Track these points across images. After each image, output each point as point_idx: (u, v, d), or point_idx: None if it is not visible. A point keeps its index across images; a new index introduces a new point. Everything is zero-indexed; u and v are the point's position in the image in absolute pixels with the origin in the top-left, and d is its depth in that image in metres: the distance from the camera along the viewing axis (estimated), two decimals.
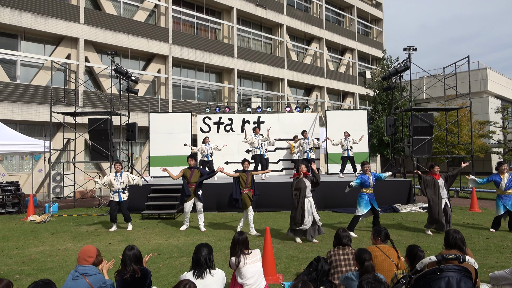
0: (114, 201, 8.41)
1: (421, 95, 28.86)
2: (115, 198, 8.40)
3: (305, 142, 12.40)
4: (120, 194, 8.40)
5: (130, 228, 8.50)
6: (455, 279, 2.62)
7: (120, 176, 8.41)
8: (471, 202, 11.03)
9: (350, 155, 12.65)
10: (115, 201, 8.40)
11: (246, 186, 7.76)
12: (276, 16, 25.76)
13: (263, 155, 12.19)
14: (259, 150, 12.06)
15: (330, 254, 4.24)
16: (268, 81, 26.11)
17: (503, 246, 6.58)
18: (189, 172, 8.28)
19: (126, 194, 8.56)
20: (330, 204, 11.03)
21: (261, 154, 12.08)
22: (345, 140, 12.74)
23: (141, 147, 19.41)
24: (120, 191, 8.40)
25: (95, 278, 3.24)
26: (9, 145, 10.78)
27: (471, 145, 13.67)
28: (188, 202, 8.27)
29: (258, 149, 12.05)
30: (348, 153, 12.66)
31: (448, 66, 14.82)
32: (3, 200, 11.48)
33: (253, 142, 12.07)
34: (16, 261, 5.99)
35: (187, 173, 8.28)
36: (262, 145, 12.19)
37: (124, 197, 8.46)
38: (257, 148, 12.06)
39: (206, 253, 3.48)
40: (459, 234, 3.77)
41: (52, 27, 16.62)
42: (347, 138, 12.74)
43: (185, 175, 8.30)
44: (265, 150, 12.49)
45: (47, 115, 15.28)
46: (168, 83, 20.29)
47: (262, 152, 12.15)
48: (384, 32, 35.72)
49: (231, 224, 8.91)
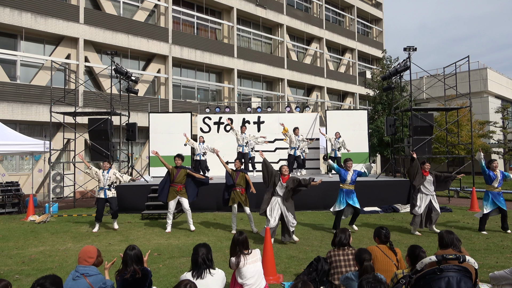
0: (101, 199, 8.47)
1: (421, 95, 28.85)
2: (101, 195, 8.47)
3: (296, 138, 12.44)
4: (106, 191, 8.46)
5: (116, 227, 8.51)
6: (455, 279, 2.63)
7: (107, 174, 8.49)
8: (471, 202, 11.03)
9: (337, 155, 12.78)
10: (102, 198, 8.46)
11: (235, 184, 7.81)
12: (276, 16, 25.75)
13: (247, 154, 12.28)
14: (242, 148, 12.19)
15: (330, 254, 4.24)
16: (268, 81, 26.11)
17: (503, 246, 6.57)
18: (175, 171, 8.23)
19: (112, 191, 8.57)
20: (329, 204, 11.00)
21: (243, 153, 12.17)
22: (335, 140, 12.82)
23: (141, 147, 19.41)
24: (106, 188, 8.45)
25: (95, 278, 3.24)
26: (9, 145, 10.77)
27: (471, 145, 13.66)
28: (171, 202, 8.20)
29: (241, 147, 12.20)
30: (336, 153, 12.81)
31: (448, 66, 14.82)
32: (3, 200, 11.47)
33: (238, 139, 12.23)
34: (16, 261, 5.99)
35: (173, 172, 8.24)
36: (248, 144, 12.30)
37: (109, 194, 8.49)
38: (240, 146, 12.20)
39: (205, 253, 3.48)
40: (453, 234, 3.77)
41: (52, 27, 16.62)
42: (337, 139, 12.83)
43: (171, 173, 8.26)
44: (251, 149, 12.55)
45: (47, 115, 15.28)
46: (168, 83, 20.29)
47: (247, 150, 12.27)
48: (384, 32, 35.72)
49: (231, 224, 8.89)
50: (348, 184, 7.65)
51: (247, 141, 12.28)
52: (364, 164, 8.03)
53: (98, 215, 8.47)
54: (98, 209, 8.51)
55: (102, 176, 8.49)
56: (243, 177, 7.93)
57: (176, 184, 8.16)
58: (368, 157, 14.31)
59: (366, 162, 14.12)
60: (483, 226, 7.72)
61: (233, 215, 7.95)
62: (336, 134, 12.95)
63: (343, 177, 7.65)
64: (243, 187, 7.89)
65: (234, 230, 7.92)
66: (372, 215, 10.08)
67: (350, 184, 7.65)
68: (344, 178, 7.63)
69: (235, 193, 7.82)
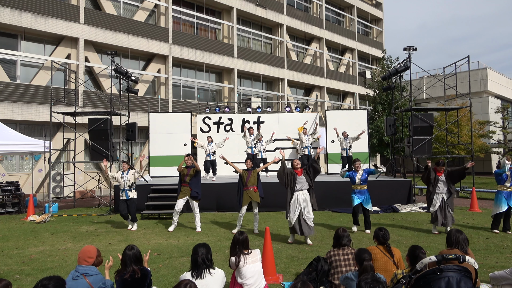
0: (122, 200, 8.45)
1: (421, 95, 28.85)
2: (123, 197, 8.45)
3: (306, 137, 12.64)
4: (127, 192, 8.44)
5: (135, 228, 8.48)
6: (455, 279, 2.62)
7: (127, 175, 8.48)
8: (471, 202, 11.02)
9: (349, 154, 12.83)
10: (123, 199, 8.44)
11: (247, 184, 7.75)
12: (276, 16, 25.75)
13: (256, 155, 12.26)
14: (252, 150, 12.24)
15: (330, 254, 4.24)
16: (268, 81, 26.11)
17: (503, 246, 6.58)
18: (185, 171, 8.23)
19: (133, 192, 8.56)
20: (330, 204, 11.03)
21: (253, 154, 12.17)
22: (344, 140, 12.83)
23: (141, 147, 19.41)
24: (127, 189, 8.44)
25: (95, 278, 3.24)
26: (9, 145, 10.78)
27: (471, 145, 13.67)
28: (180, 200, 8.20)
29: (250, 148, 12.26)
30: (347, 152, 12.84)
31: (448, 66, 14.83)
32: (3, 200, 11.48)
33: (247, 141, 12.32)
34: (16, 261, 5.99)
35: (184, 172, 8.24)
36: (256, 145, 12.31)
37: (131, 195, 8.47)
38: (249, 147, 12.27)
39: (204, 253, 3.48)
40: (462, 234, 3.77)
41: (52, 27, 16.62)
42: (346, 138, 12.85)
43: (182, 173, 8.27)
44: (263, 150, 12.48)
45: (47, 115, 15.28)
46: (168, 83, 20.29)
47: (256, 152, 12.28)
48: (384, 32, 35.71)
49: (231, 224, 8.90)
50: (360, 185, 7.82)
51: (256, 142, 12.30)
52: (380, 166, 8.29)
53: (123, 216, 8.51)
54: (120, 212, 8.48)
55: (121, 178, 8.46)
56: (255, 174, 7.88)
57: (186, 183, 8.19)
58: (368, 157, 14.32)
59: (366, 163, 14.13)
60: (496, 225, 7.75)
61: (240, 214, 7.86)
62: (343, 133, 12.95)
63: (353, 180, 7.87)
64: (255, 185, 7.82)
65: (237, 229, 7.87)
66: (372, 215, 10.02)
67: (361, 184, 7.82)
68: (354, 179, 7.85)
69: (247, 192, 7.73)
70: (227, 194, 10.75)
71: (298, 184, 6.92)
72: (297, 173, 6.97)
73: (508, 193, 7.65)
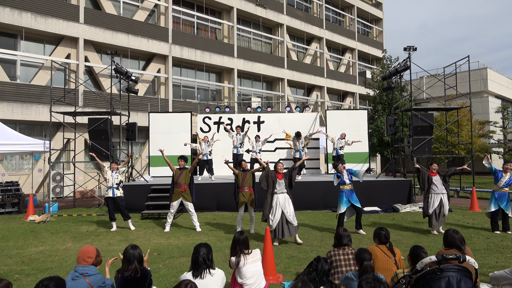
0: (109, 198, 8.47)
1: (421, 95, 28.85)
2: (109, 194, 8.47)
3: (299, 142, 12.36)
4: (114, 190, 8.45)
5: (132, 228, 8.48)
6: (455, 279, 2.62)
7: (115, 173, 8.58)
8: (471, 202, 11.02)
9: (339, 153, 12.77)
10: (110, 197, 8.46)
11: (243, 185, 7.76)
12: (276, 16, 25.75)
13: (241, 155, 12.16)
14: (237, 149, 12.13)
15: (330, 254, 4.24)
16: (268, 81, 26.11)
17: (503, 246, 6.57)
18: (178, 172, 8.25)
19: (120, 190, 8.57)
20: (329, 204, 11.02)
21: (237, 154, 12.09)
22: (337, 140, 12.81)
23: (141, 147, 19.41)
24: (114, 187, 8.46)
25: (94, 278, 3.23)
26: (9, 145, 10.78)
27: (471, 145, 13.66)
28: (174, 202, 8.20)
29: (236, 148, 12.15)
30: (337, 151, 12.79)
31: (448, 66, 14.81)
32: (3, 200, 11.47)
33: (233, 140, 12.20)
34: (16, 261, 5.99)
35: (176, 173, 8.25)
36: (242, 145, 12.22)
37: (117, 193, 8.48)
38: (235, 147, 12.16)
39: (205, 253, 3.47)
40: (458, 234, 3.77)
41: (52, 26, 16.61)
42: (341, 139, 12.80)
43: (174, 175, 8.27)
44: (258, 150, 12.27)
45: (47, 115, 15.28)
46: (168, 83, 20.29)
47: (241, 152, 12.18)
48: (384, 32, 35.70)
49: (231, 224, 8.90)
50: (348, 185, 7.89)
51: (241, 141, 12.19)
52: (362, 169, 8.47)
53: (111, 215, 8.49)
54: (108, 209, 8.55)
55: (110, 176, 8.54)
56: (251, 175, 7.90)
57: (180, 185, 8.17)
58: (368, 157, 14.31)
59: (366, 162, 14.13)
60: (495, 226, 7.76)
61: (239, 217, 7.86)
62: (342, 135, 12.88)
63: (343, 180, 7.92)
64: (251, 187, 7.86)
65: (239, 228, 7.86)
66: (372, 215, 10.08)
67: (349, 184, 7.90)
68: (342, 180, 7.92)
69: (243, 194, 7.77)
70: (227, 194, 10.74)
71: (278, 186, 6.96)
72: (278, 177, 7.00)
73: (500, 193, 7.71)
